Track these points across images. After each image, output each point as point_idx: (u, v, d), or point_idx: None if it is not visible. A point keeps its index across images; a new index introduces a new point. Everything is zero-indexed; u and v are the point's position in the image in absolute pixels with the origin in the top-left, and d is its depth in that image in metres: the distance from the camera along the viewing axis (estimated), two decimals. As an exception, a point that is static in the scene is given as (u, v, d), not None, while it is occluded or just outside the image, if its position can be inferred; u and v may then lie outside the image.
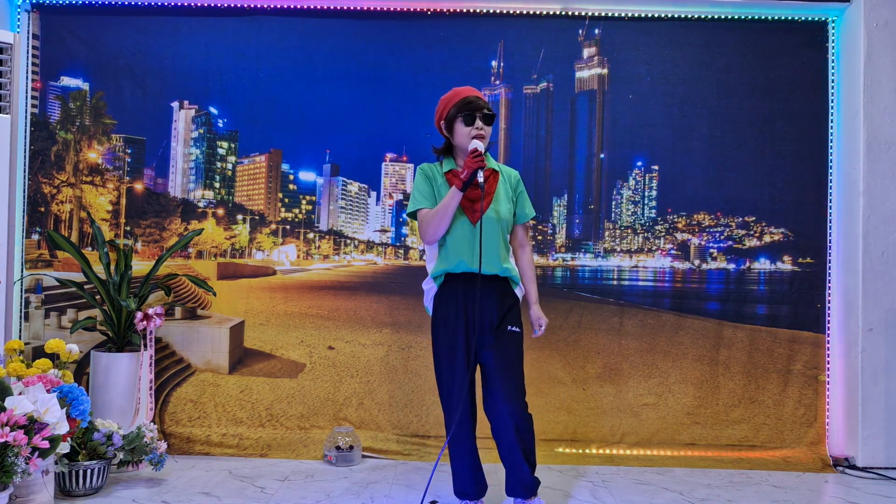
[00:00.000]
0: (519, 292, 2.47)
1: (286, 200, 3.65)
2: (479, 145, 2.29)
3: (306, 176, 3.64)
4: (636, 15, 3.53)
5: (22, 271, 3.45)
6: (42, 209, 3.52)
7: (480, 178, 2.23)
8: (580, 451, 3.38)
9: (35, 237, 3.51)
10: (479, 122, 2.35)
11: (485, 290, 2.34)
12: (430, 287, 2.51)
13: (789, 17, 3.51)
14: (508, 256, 2.45)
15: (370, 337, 3.53)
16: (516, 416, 2.31)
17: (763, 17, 3.51)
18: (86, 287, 3.22)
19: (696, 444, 3.41)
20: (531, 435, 2.36)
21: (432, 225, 2.35)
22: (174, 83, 3.54)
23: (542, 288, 3.58)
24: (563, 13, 3.53)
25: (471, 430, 2.41)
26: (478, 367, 2.42)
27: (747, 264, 3.61)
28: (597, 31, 3.55)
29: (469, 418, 2.40)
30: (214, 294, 3.39)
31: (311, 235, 3.67)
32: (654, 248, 3.64)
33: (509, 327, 2.39)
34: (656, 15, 3.53)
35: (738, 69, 3.52)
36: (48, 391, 2.39)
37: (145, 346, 3.09)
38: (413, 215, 2.48)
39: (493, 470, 2.63)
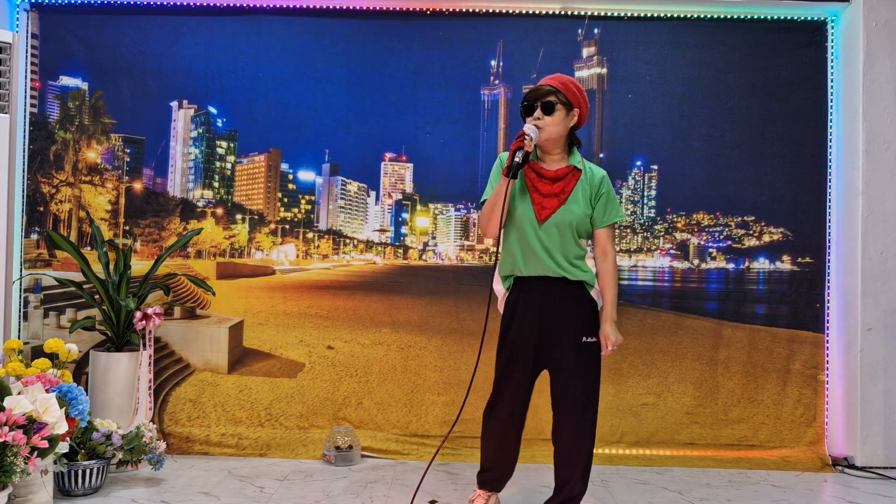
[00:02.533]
0: (595, 295, 2.32)
1: (285, 200, 3.65)
2: (529, 129, 2.17)
3: (305, 175, 3.64)
4: (636, 15, 3.53)
5: (21, 271, 3.45)
6: (41, 209, 3.51)
7: (518, 157, 2.10)
8: (579, 450, 3.37)
9: (34, 237, 3.50)
10: (538, 112, 2.19)
11: (556, 295, 2.24)
12: (499, 289, 2.40)
13: (789, 17, 3.51)
14: (582, 259, 2.29)
15: (369, 336, 3.53)
16: (586, 428, 2.25)
17: (762, 17, 3.51)
18: (85, 287, 3.22)
19: (696, 443, 3.41)
20: (591, 450, 2.29)
21: (484, 216, 2.25)
22: (173, 83, 3.54)
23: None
24: (563, 13, 3.53)
25: (518, 432, 2.35)
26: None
27: (746, 264, 3.61)
28: (596, 30, 3.55)
29: (521, 421, 2.33)
30: (213, 294, 3.38)
31: (310, 235, 3.67)
32: (654, 247, 3.64)
33: (584, 338, 2.25)
34: (656, 15, 3.53)
35: (737, 69, 3.52)
36: (47, 391, 2.39)
37: (144, 345, 3.09)
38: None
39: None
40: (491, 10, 3.51)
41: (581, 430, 2.26)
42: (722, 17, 3.52)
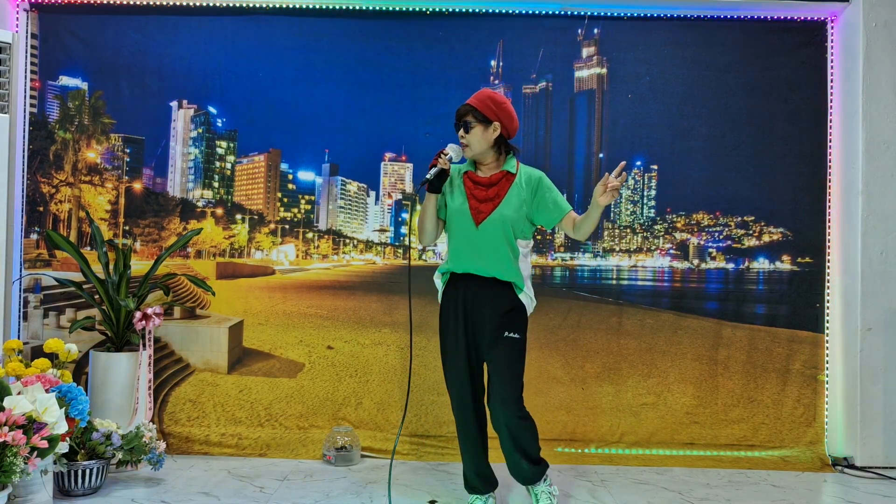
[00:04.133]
0: (524, 298, 2.43)
1: (285, 200, 3.65)
2: (450, 147, 2.39)
3: (305, 175, 3.64)
4: (635, 15, 3.53)
5: (21, 271, 3.45)
6: (41, 209, 3.51)
7: (429, 175, 2.32)
8: (579, 450, 3.38)
9: (34, 237, 3.50)
10: (460, 132, 2.40)
11: (484, 293, 2.39)
12: (437, 282, 2.57)
13: (788, 17, 3.51)
14: (515, 261, 2.40)
15: (369, 337, 3.53)
16: (509, 417, 2.34)
17: (762, 17, 3.51)
18: (84, 287, 3.22)
19: (695, 443, 3.41)
20: (528, 433, 2.40)
21: (418, 227, 2.48)
22: (173, 83, 3.54)
23: (540, 287, 3.59)
24: (563, 13, 3.52)
25: (477, 427, 2.47)
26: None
27: (746, 264, 3.61)
28: (596, 30, 3.55)
29: (473, 415, 2.46)
30: (213, 294, 3.38)
31: (310, 235, 3.67)
32: (653, 247, 3.64)
33: (506, 333, 2.37)
34: (656, 15, 3.53)
35: (737, 69, 3.52)
36: (47, 391, 2.39)
37: (144, 345, 3.09)
38: None
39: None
40: (491, 10, 3.51)
41: (519, 419, 2.36)
42: (722, 17, 3.52)
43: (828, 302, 3.50)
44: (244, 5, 3.52)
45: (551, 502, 2.44)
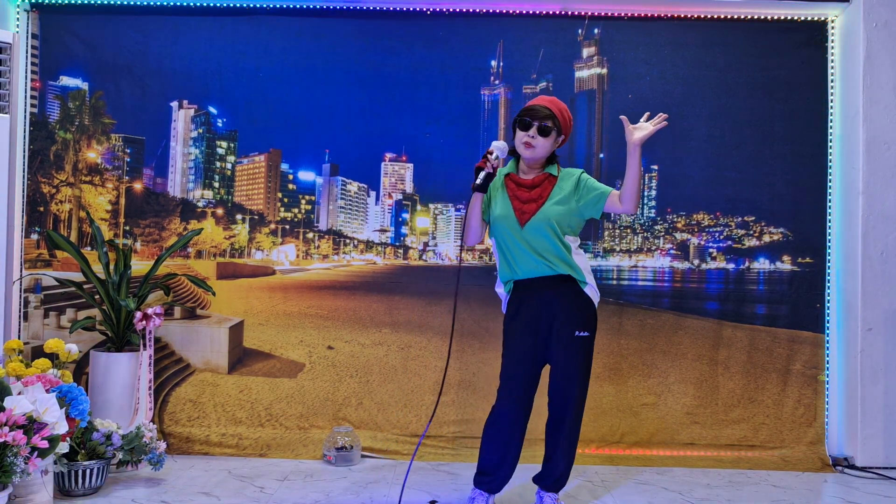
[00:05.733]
0: (589, 291, 2.44)
1: (285, 200, 3.65)
2: (496, 146, 2.36)
3: (305, 175, 3.64)
4: (636, 15, 3.53)
5: (21, 271, 3.45)
6: (41, 209, 3.52)
7: (479, 179, 2.31)
8: (579, 450, 3.33)
9: (34, 237, 3.50)
10: (532, 131, 2.36)
11: (551, 292, 2.39)
12: (501, 292, 2.56)
13: (789, 17, 3.51)
14: (569, 255, 2.41)
15: (370, 337, 3.53)
16: (572, 419, 2.42)
17: (762, 17, 3.51)
18: (85, 287, 3.22)
19: (696, 443, 3.41)
20: (577, 438, 2.48)
21: (463, 228, 2.44)
22: (173, 83, 3.54)
23: (541, 288, 3.59)
24: (563, 13, 3.52)
25: (524, 426, 2.44)
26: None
27: (747, 264, 3.61)
28: (596, 30, 3.55)
29: (525, 414, 2.43)
30: (214, 294, 3.39)
31: (310, 235, 3.67)
32: (654, 247, 3.64)
33: (577, 332, 2.39)
34: (656, 15, 3.53)
35: (737, 69, 3.52)
36: (47, 391, 2.39)
37: (144, 345, 3.09)
38: None
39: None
40: (491, 10, 3.51)
41: (576, 422, 2.45)
42: (722, 17, 3.52)
43: (828, 302, 3.50)
44: (244, 5, 3.52)
45: None
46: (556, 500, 2.53)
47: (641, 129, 2.36)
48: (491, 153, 2.34)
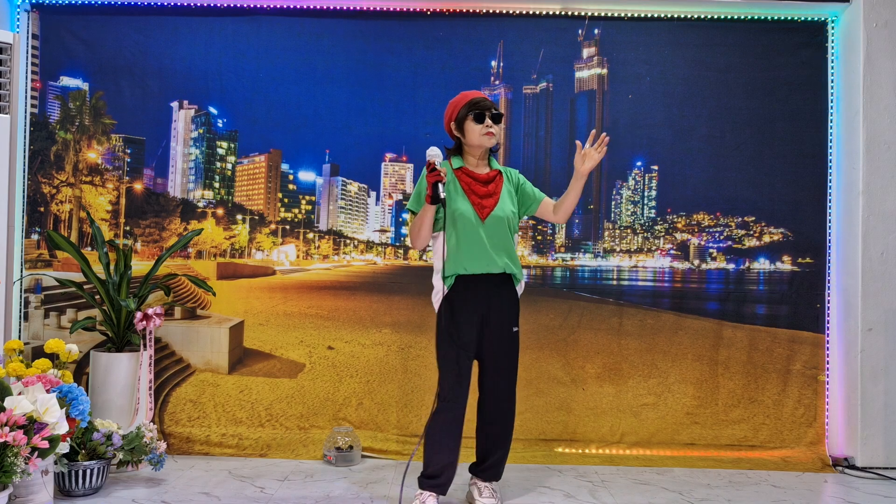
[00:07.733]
0: (519, 288, 2.56)
1: (286, 200, 3.65)
2: (433, 155, 2.37)
3: (306, 176, 3.64)
4: (636, 15, 3.53)
5: (21, 271, 3.45)
6: (41, 209, 3.52)
7: (441, 192, 2.31)
8: (580, 451, 3.37)
9: (35, 237, 3.51)
10: (488, 121, 2.45)
11: (497, 290, 2.48)
12: (438, 283, 2.52)
13: (789, 17, 3.51)
14: (516, 254, 2.55)
15: (370, 337, 3.53)
16: (507, 412, 2.53)
17: (762, 17, 3.51)
18: (85, 287, 3.22)
19: (696, 443, 3.41)
20: (513, 428, 2.58)
21: (412, 235, 2.49)
22: (174, 83, 3.54)
23: (541, 288, 3.60)
24: (563, 13, 3.53)
25: (461, 424, 2.49)
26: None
27: (747, 264, 3.61)
28: (596, 31, 3.55)
29: (463, 413, 2.49)
30: (214, 294, 3.39)
31: (310, 235, 3.67)
32: (654, 248, 3.64)
33: (514, 328, 2.51)
34: (656, 15, 3.53)
35: (737, 69, 3.52)
36: (48, 391, 2.39)
37: (145, 346, 3.09)
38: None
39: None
40: (491, 11, 3.51)
41: (513, 413, 2.56)
42: (722, 17, 3.52)
43: (828, 302, 3.50)
44: (244, 6, 3.52)
45: (495, 498, 2.55)
46: (496, 491, 2.59)
47: (590, 159, 2.43)
48: (435, 163, 2.36)
